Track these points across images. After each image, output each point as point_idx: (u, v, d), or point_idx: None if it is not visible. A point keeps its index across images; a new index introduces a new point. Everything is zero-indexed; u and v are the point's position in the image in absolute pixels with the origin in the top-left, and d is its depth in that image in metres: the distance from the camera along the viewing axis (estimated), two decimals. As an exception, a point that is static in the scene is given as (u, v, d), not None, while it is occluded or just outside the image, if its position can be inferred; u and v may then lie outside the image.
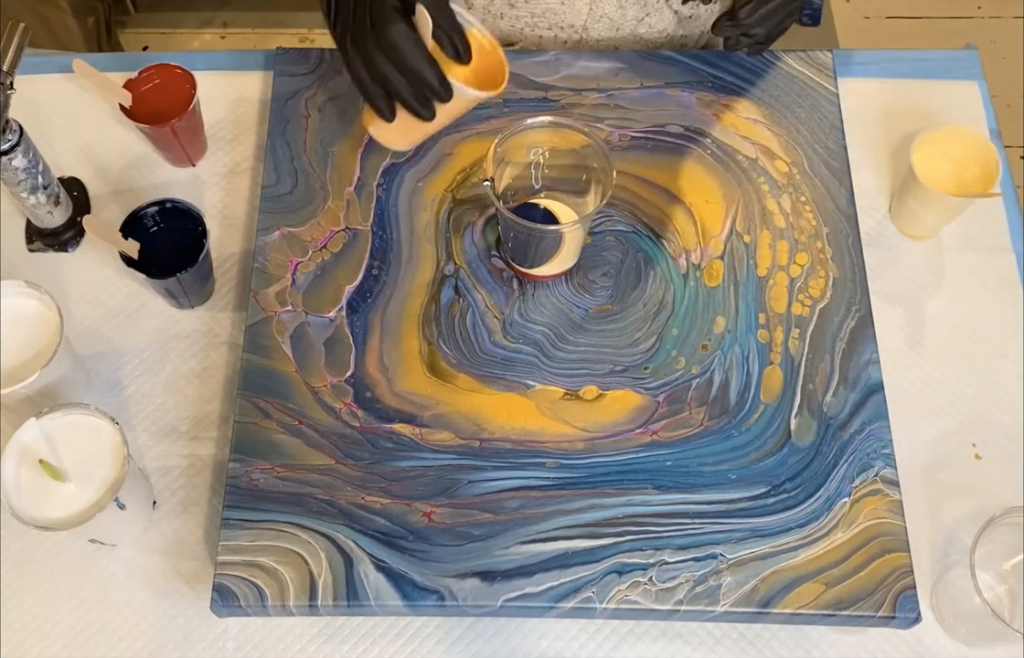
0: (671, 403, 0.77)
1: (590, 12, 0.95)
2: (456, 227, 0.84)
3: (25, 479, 0.70)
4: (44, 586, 0.76)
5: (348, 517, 0.72)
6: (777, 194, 0.86)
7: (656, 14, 0.96)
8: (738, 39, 0.84)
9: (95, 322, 0.86)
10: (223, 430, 0.81)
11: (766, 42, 0.85)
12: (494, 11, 0.96)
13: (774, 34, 0.84)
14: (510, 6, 0.95)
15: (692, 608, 0.70)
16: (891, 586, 0.70)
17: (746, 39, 0.84)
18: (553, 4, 0.94)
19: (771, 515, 0.72)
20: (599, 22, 0.95)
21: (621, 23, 0.96)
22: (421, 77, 0.67)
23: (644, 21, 0.96)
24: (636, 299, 0.81)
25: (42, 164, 0.84)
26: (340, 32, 0.71)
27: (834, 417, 0.76)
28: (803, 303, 0.81)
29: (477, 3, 0.96)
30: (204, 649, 0.74)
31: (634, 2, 0.95)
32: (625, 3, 0.94)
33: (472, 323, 0.80)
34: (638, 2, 0.95)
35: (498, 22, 0.97)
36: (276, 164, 0.86)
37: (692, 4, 0.96)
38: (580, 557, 0.71)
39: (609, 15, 0.95)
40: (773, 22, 0.83)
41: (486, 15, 0.97)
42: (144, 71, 0.89)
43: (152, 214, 0.83)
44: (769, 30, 0.83)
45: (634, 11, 0.95)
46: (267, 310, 0.80)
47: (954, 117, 0.95)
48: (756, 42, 0.84)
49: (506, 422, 0.76)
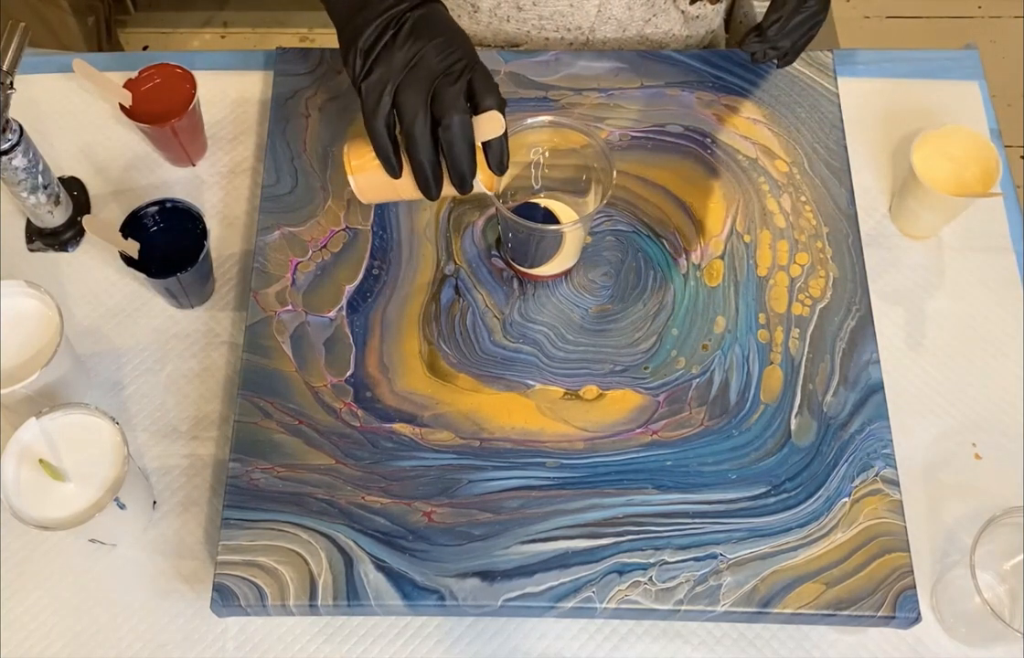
0: (671, 403, 0.77)
1: (598, 14, 0.95)
2: (456, 227, 0.84)
3: (25, 479, 0.70)
4: (44, 586, 0.76)
5: (348, 517, 0.72)
6: (777, 194, 0.86)
7: (663, 15, 0.96)
8: (765, 53, 0.84)
9: (95, 322, 0.86)
10: (223, 430, 0.81)
11: (793, 55, 0.84)
12: (500, 14, 0.96)
13: (801, 45, 0.84)
14: (517, 9, 0.95)
15: (692, 608, 0.70)
16: (891, 586, 0.70)
17: (773, 52, 0.83)
18: (562, 7, 0.94)
19: (771, 515, 0.72)
20: (607, 23, 0.95)
21: (628, 24, 0.96)
22: (460, 172, 0.65)
23: (651, 22, 0.96)
24: (636, 299, 0.81)
25: (42, 164, 0.84)
26: (365, 65, 0.65)
27: (834, 417, 0.76)
28: (803, 303, 0.81)
29: (484, 5, 0.96)
30: (204, 649, 0.74)
31: (642, 3, 0.94)
32: (633, 4, 0.94)
33: (472, 323, 0.80)
34: (646, 3, 0.95)
35: (504, 25, 0.97)
36: (276, 164, 0.86)
37: (699, 4, 0.96)
38: (580, 557, 0.71)
39: (617, 17, 0.95)
40: (799, 34, 0.82)
41: (492, 18, 0.97)
42: (144, 71, 0.89)
43: (152, 214, 0.83)
44: (796, 41, 0.83)
45: (641, 12, 0.95)
46: (267, 310, 0.80)
47: (954, 117, 0.95)
48: (783, 55, 0.84)
49: (506, 422, 0.76)
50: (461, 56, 0.65)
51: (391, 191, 0.70)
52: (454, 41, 0.65)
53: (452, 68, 0.64)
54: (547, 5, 0.94)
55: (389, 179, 0.68)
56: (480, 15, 0.97)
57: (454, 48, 0.65)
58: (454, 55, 0.65)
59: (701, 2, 0.96)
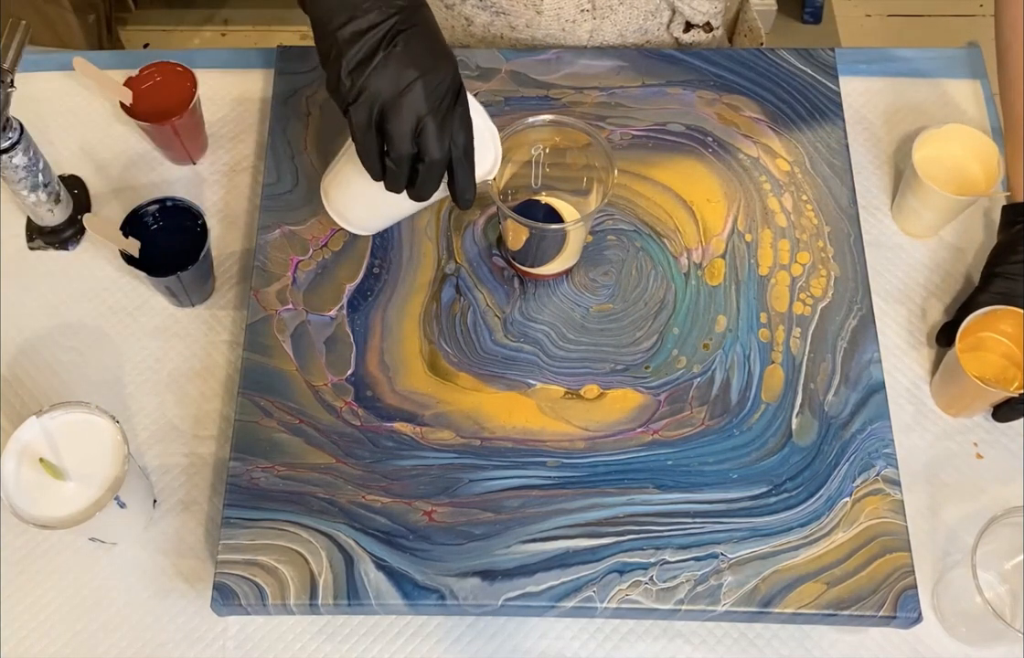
0: (672, 402, 0.77)
1: (590, 38, 0.95)
2: (457, 226, 0.84)
3: (25, 478, 0.70)
4: (44, 585, 0.76)
5: (349, 516, 0.72)
6: (779, 193, 0.85)
7: (657, 41, 0.97)
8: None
9: (95, 320, 0.85)
10: (223, 429, 0.81)
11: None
12: (494, 31, 0.96)
13: None
14: (510, 28, 0.95)
15: (693, 608, 0.70)
16: (892, 586, 0.70)
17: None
18: (554, 31, 0.94)
19: (772, 514, 0.72)
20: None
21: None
22: (423, 198, 0.66)
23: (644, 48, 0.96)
24: (637, 298, 0.81)
25: (42, 162, 0.84)
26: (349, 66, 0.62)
27: (835, 416, 0.76)
28: (805, 302, 0.80)
29: (478, 21, 0.96)
30: (204, 648, 0.73)
31: (635, 30, 0.95)
32: (625, 31, 0.94)
33: (473, 322, 0.80)
34: (639, 29, 0.95)
35: (496, 42, 0.97)
36: (277, 162, 0.86)
37: (694, 31, 0.96)
38: (581, 556, 0.71)
39: (610, 42, 0.95)
40: None
41: (486, 34, 0.97)
42: (145, 69, 0.89)
43: (153, 212, 0.83)
44: None
45: (634, 38, 0.96)
46: (268, 308, 0.80)
47: (956, 116, 0.95)
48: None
49: (507, 421, 0.76)
50: (448, 87, 0.63)
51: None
52: (442, 66, 0.64)
53: (440, 105, 0.63)
54: (540, 28, 0.94)
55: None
56: (474, 29, 0.97)
57: (442, 77, 0.63)
58: (442, 87, 0.63)
59: (696, 29, 0.96)
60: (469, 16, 0.96)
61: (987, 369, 0.79)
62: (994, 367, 0.79)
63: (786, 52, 0.92)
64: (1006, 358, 0.79)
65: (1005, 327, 0.79)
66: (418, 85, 0.62)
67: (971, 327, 0.78)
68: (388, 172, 0.65)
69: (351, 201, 0.73)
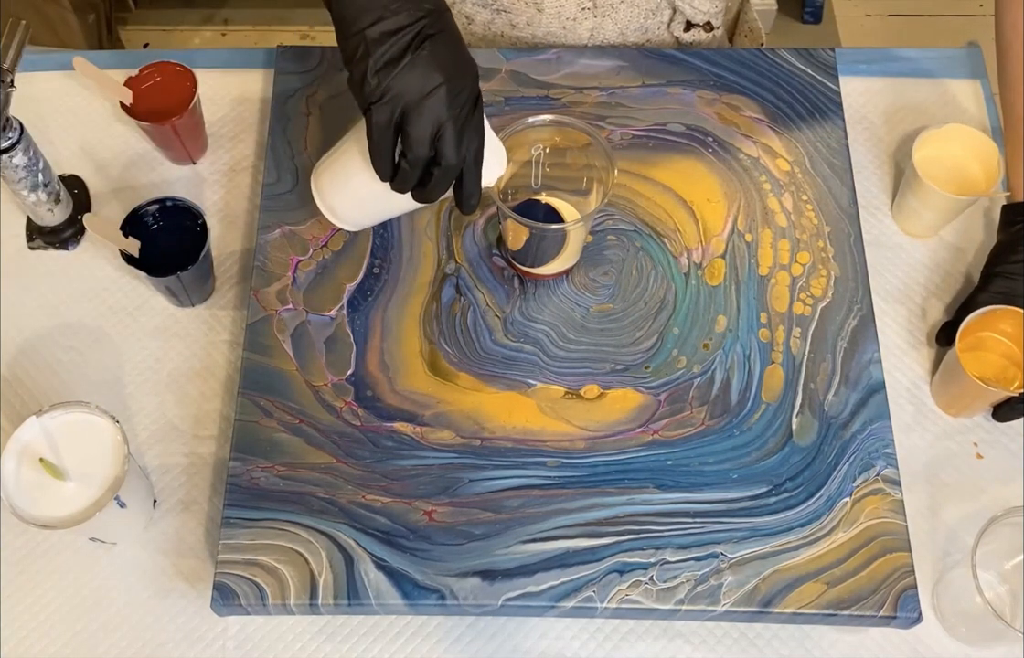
0: (672, 402, 0.77)
1: (591, 37, 0.95)
2: (457, 225, 0.84)
3: (25, 477, 0.70)
4: (44, 585, 0.76)
5: (349, 516, 0.72)
6: (779, 193, 0.85)
7: (657, 40, 0.97)
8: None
9: (95, 320, 0.85)
10: (224, 429, 0.80)
11: None
12: (495, 29, 0.96)
13: None
14: (511, 27, 0.95)
15: (693, 608, 0.70)
16: (892, 586, 0.70)
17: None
18: (555, 29, 0.94)
19: (772, 514, 0.72)
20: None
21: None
22: (430, 200, 0.66)
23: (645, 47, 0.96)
24: (637, 298, 0.81)
25: (42, 162, 0.83)
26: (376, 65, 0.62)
27: (835, 416, 0.76)
28: (805, 302, 0.80)
29: (478, 19, 0.96)
30: (204, 648, 0.73)
31: (636, 28, 0.95)
32: (626, 29, 0.95)
33: (473, 322, 0.80)
34: (640, 28, 0.95)
35: (497, 41, 0.97)
36: (277, 162, 0.86)
37: (695, 30, 0.96)
38: (581, 556, 0.71)
39: (610, 40, 0.95)
40: None
41: (486, 32, 0.97)
42: (145, 69, 0.89)
43: (153, 212, 0.83)
44: None
45: (635, 37, 0.96)
46: (268, 308, 0.80)
47: (956, 115, 0.95)
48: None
49: (507, 421, 0.76)
50: (468, 95, 0.64)
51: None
52: (465, 73, 0.64)
53: (461, 112, 0.63)
54: (540, 26, 0.94)
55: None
56: (474, 27, 0.97)
57: (464, 83, 0.64)
58: (464, 94, 0.64)
59: (696, 29, 0.96)
60: (469, 14, 0.96)
61: (987, 369, 0.79)
62: (994, 367, 0.80)
63: (786, 52, 0.92)
64: (1006, 358, 0.79)
65: (1005, 327, 0.79)
66: (442, 90, 0.62)
67: (971, 327, 0.78)
68: (400, 173, 0.65)
69: (346, 197, 0.72)
